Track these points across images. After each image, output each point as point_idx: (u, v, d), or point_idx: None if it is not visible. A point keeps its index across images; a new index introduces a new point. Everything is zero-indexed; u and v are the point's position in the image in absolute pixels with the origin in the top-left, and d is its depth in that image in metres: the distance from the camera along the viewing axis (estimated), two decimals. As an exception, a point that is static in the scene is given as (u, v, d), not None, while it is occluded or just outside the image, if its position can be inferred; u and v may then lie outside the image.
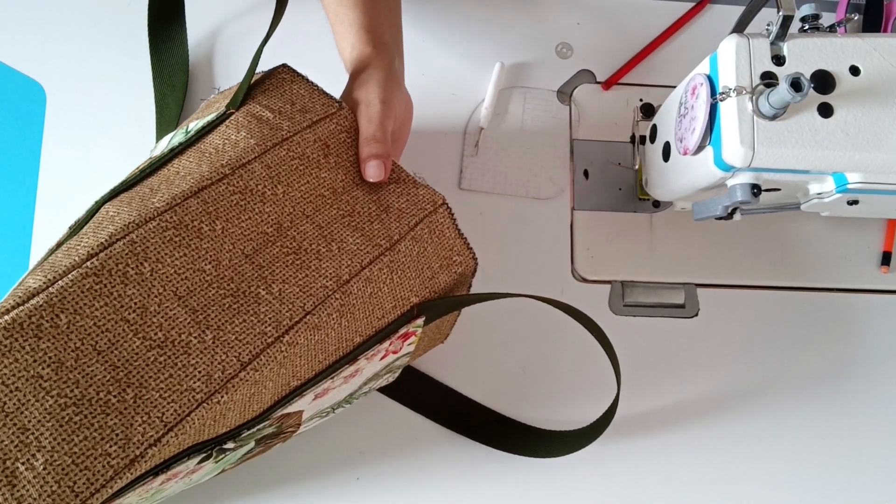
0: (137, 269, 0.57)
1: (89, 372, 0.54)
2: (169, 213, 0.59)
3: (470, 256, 0.71)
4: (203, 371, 0.57)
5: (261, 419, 0.64)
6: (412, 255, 0.67)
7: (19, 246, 0.88)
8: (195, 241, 0.59)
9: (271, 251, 0.62)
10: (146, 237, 0.58)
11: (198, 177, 0.62)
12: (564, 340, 0.91)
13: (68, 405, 0.53)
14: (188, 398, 0.56)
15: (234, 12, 1.00)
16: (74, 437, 0.53)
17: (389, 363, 0.75)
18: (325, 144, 0.68)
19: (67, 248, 0.58)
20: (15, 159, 0.91)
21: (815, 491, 0.88)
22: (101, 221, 0.59)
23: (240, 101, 0.69)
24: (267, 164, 0.64)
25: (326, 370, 0.65)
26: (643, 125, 0.93)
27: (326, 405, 0.74)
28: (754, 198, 0.70)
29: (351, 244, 0.64)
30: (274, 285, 0.61)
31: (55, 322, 0.54)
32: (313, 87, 0.72)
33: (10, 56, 0.95)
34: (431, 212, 0.69)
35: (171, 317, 0.57)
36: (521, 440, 0.86)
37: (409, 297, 0.68)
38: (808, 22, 0.71)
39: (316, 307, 0.61)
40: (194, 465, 0.63)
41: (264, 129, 0.66)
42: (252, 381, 0.58)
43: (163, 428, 0.55)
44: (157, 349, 0.56)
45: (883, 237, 0.99)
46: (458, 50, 1.02)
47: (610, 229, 0.97)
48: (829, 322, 0.96)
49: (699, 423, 0.90)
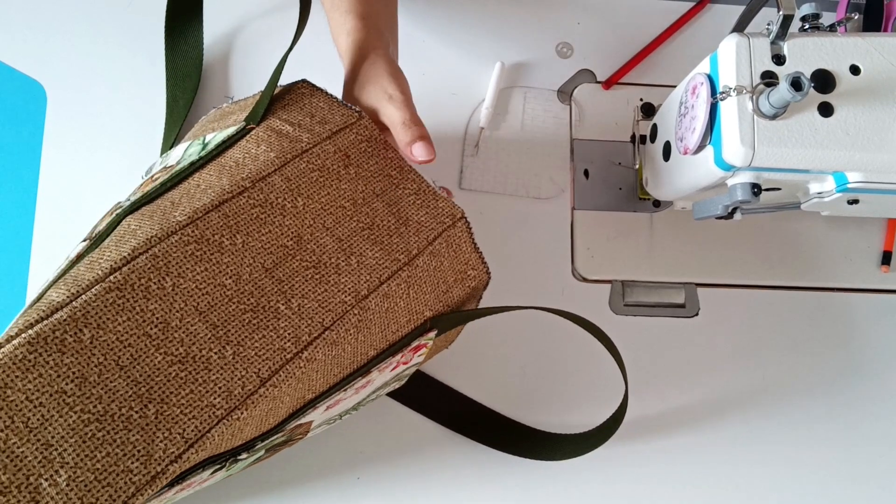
0: (160, 283, 0.57)
1: (112, 387, 0.54)
2: (191, 227, 0.59)
3: (484, 271, 0.72)
4: (223, 387, 0.57)
5: (275, 431, 0.64)
6: (429, 270, 0.67)
7: (20, 246, 0.87)
8: (216, 256, 0.59)
9: (291, 265, 0.62)
10: (168, 251, 0.58)
11: (218, 190, 0.61)
12: (567, 343, 0.91)
13: (91, 421, 0.53)
14: (209, 414, 0.56)
15: (250, 15, 1.00)
16: (97, 453, 0.52)
17: (399, 373, 0.76)
18: (345, 155, 0.67)
19: (90, 261, 0.57)
20: (15, 159, 0.90)
21: (815, 490, 0.89)
22: (124, 235, 0.59)
23: (260, 116, 0.69)
24: (287, 176, 0.64)
25: (340, 383, 0.66)
26: (643, 125, 0.93)
27: (335, 413, 0.74)
28: (754, 197, 0.70)
29: (370, 258, 0.64)
30: (293, 300, 0.61)
31: (79, 337, 0.54)
32: (332, 99, 0.71)
33: (10, 56, 0.94)
34: (450, 226, 0.69)
35: (192, 332, 0.57)
36: (524, 442, 0.86)
37: (423, 311, 0.68)
38: (808, 21, 0.71)
39: (334, 323, 0.61)
40: (207, 476, 0.63)
41: (284, 142, 0.66)
42: (271, 398, 0.58)
43: (184, 444, 0.55)
44: (179, 364, 0.56)
45: (883, 237, 1.00)
46: (458, 50, 1.02)
47: (610, 229, 0.97)
48: (830, 322, 0.97)
49: (699, 422, 0.90)
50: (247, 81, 0.97)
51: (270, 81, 0.71)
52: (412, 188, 0.69)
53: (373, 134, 0.70)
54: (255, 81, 0.97)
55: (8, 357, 0.52)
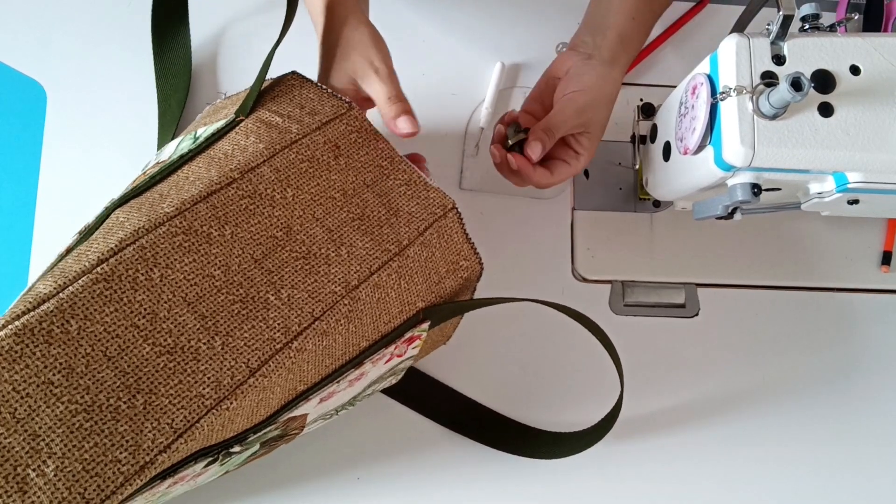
0: (147, 274, 0.57)
1: (99, 378, 0.54)
2: (178, 219, 0.59)
3: (476, 261, 0.71)
4: (212, 377, 0.57)
5: (267, 423, 0.64)
6: (420, 261, 0.67)
7: (20, 246, 0.88)
8: (204, 247, 0.59)
9: (280, 255, 0.62)
10: (156, 242, 0.58)
11: (207, 181, 0.62)
12: (565, 341, 0.91)
13: (79, 411, 0.53)
14: (197, 404, 0.56)
15: (238, 14, 1.00)
16: (85, 443, 0.52)
17: (394, 366, 0.75)
18: (335, 146, 0.67)
19: (77, 253, 0.58)
20: (15, 159, 0.91)
21: (815, 490, 0.89)
22: (112, 227, 0.59)
23: (249, 108, 0.69)
24: (276, 167, 0.64)
25: (333, 374, 0.65)
26: (643, 125, 0.93)
27: (331, 408, 0.74)
28: (755, 197, 0.70)
29: (360, 249, 0.64)
30: (283, 290, 0.61)
31: (66, 328, 0.54)
32: (322, 90, 0.71)
33: (10, 56, 0.95)
34: (441, 216, 0.68)
35: (180, 323, 0.57)
36: (522, 441, 0.86)
37: (415, 302, 0.68)
38: (808, 21, 0.71)
39: (324, 313, 0.61)
40: (200, 469, 0.63)
41: (273, 133, 0.66)
42: (260, 388, 0.58)
43: (172, 434, 0.55)
44: (167, 355, 0.56)
45: (883, 237, 1.00)
46: (458, 50, 1.02)
47: (610, 229, 0.97)
48: (830, 321, 0.96)
49: (699, 422, 0.90)
50: (238, 78, 0.98)
51: (259, 74, 0.71)
52: (403, 178, 0.69)
53: (363, 124, 0.70)
54: (246, 78, 0.96)
55: (-5, 348, 0.52)
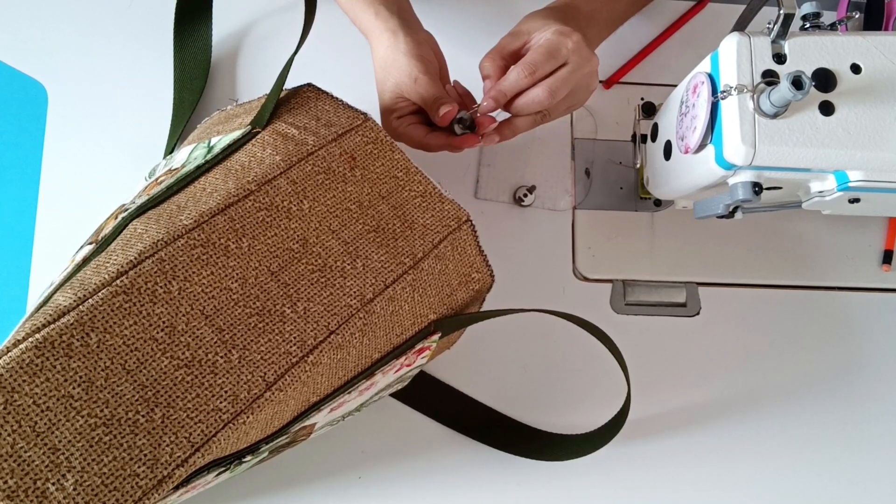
0: (166, 287, 0.57)
1: (119, 391, 0.54)
2: (196, 231, 0.59)
3: (488, 273, 0.72)
4: (229, 391, 0.57)
5: (279, 434, 0.64)
6: (434, 273, 0.67)
7: (21, 246, 0.87)
8: (222, 259, 0.59)
9: (297, 268, 0.62)
10: (174, 255, 0.58)
11: (224, 194, 0.61)
12: (569, 343, 0.91)
13: (98, 425, 0.53)
14: (215, 418, 0.56)
15: (255, 15, 1.00)
16: (104, 457, 0.52)
17: (402, 375, 0.76)
18: (350, 157, 0.67)
19: (96, 265, 0.57)
20: (17, 159, 0.90)
21: (816, 489, 0.89)
22: (130, 238, 0.59)
23: (266, 120, 0.69)
24: (292, 179, 0.64)
25: (344, 385, 0.66)
26: (644, 124, 0.93)
27: (339, 415, 0.74)
28: (755, 196, 0.70)
29: (376, 261, 0.64)
30: (299, 304, 0.61)
31: (86, 341, 0.54)
32: (338, 102, 0.71)
33: (11, 56, 0.94)
34: (455, 228, 0.68)
35: (198, 336, 0.57)
36: (526, 443, 0.86)
37: (427, 314, 0.68)
38: (808, 20, 0.71)
39: (340, 326, 0.61)
40: (212, 478, 0.63)
41: (289, 145, 0.66)
42: (276, 401, 0.58)
43: (190, 448, 0.55)
44: (185, 368, 0.56)
45: (884, 236, 1.00)
46: (458, 50, 1.01)
47: (611, 228, 0.97)
48: (831, 320, 0.97)
49: (700, 421, 0.91)
50: (252, 82, 0.97)
51: (276, 85, 0.71)
52: (418, 190, 0.69)
53: (378, 135, 0.70)
54: (260, 82, 0.97)
55: (15, 361, 0.52)
